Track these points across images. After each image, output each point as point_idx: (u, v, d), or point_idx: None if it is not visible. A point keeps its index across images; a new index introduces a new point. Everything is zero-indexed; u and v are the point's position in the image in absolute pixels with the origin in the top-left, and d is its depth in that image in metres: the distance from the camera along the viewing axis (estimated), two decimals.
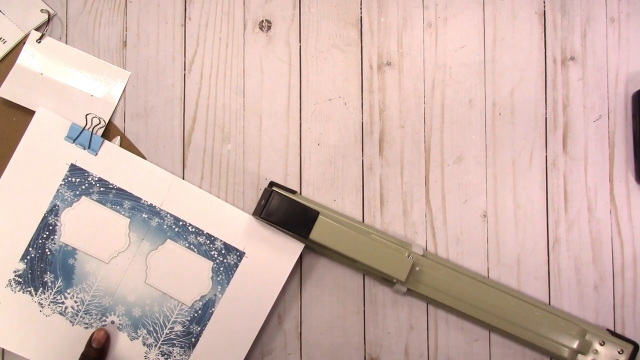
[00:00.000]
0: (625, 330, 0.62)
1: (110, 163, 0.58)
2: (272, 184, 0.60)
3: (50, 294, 0.57)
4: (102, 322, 0.58)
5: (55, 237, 0.58)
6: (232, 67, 0.62)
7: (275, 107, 0.62)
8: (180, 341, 0.58)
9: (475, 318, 0.59)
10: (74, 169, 0.58)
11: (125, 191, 0.58)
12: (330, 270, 0.61)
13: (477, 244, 0.62)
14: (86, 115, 0.58)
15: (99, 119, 0.58)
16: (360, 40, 0.62)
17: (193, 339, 0.58)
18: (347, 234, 0.57)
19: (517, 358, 0.61)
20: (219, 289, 0.58)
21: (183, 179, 0.60)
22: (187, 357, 0.58)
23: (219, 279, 0.58)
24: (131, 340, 0.58)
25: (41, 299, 0.57)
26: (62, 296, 0.58)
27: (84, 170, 0.58)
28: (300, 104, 0.62)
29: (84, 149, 0.58)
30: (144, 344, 0.58)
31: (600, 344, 0.59)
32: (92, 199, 0.58)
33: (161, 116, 0.61)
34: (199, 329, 0.58)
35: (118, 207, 0.58)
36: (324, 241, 0.56)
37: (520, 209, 0.62)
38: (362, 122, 0.62)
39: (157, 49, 0.61)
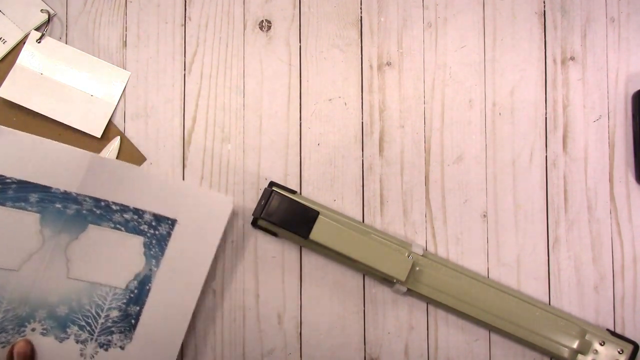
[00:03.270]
0: (625, 330, 0.62)
1: (3, 152, 0.49)
2: (272, 184, 0.60)
3: None
4: (21, 334, 0.51)
5: None
6: (232, 67, 0.62)
7: (275, 107, 0.62)
8: (119, 326, 0.53)
9: (475, 318, 0.59)
10: None
11: (30, 182, 0.50)
12: (330, 270, 0.61)
13: (477, 244, 0.62)
14: None
15: None
16: (360, 40, 0.62)
17: (133, 320, 0.53)
18: (347, 234, 0.57)
19: (517, 358, 0.61)
20: (153, 263, 0.54)
21: (183, 179, 0.60)
22: (128, 341, 0.53)
23: (152, 252, 0.54)
24: (61, 342, 0.52)
25: None
26: None
27: None
28: (300, 104, 0.62)
29: None
30: (77, 342, 0.52)
31: (600, 344, 0.59)
32: None
33: (161, 116, 0.61)
34: (138, 308, 0.53)
35: (23, 203, 0.49)
36: (324, 241, 0.56)
37: (520, 209, 0.62)
38: (362, 122, 0.62)
39: (157, 49, 0.61)
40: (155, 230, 0.54)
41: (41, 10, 0.60)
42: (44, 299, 0.51)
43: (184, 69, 0.61)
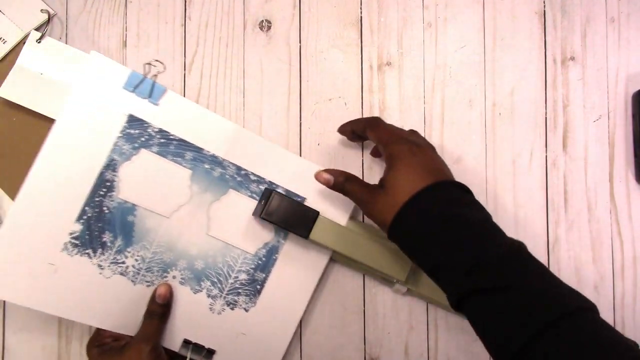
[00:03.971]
0: (625, 330, 0.62)
1: (171, 113, 0.56)
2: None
3: (110, 254, 0.55)
4: (163, 278, 0.56)
5: (113, 193, 0.55)
6: (232, 67, 0.62)
7: (275, 107, 0.62)
8: (245, 289, 0.57)
9: None
10: (133, 120, 0.55)
11: (187, 142, 0.56)
12: (330, 270, 0.61)
13: None
14: (145, 64, 0.56)
15: (158, 63, 0.56)
16: (360, 40, 0.62)
17: (258, 286, 0.58)
18: (347, 234, 0.57)
19: None
20: (282, 235, 0.58)
21: None
22: (253, 305, 0.58)
23: None
24: (195, 293, 0.57)
25: (100, 261, 0.55)
26: (123, 255, 0.55)
27: (143, 121, 0.55)
28: (300, 104, 0.62)
29: (144, 98, 0.55)
30: (208, 296, 0.57)
31: None
32: (152, 152, 0.55)
33: None
34: (264, 275, 0.58)
35: (179, 158, 0.56)
36: (324, 241, 0.56)
37: (520, 209, 0.62)
38: None
39: (157, 49, 0.61)
40: None
41: (41, 10, 0.60)
42: (186, 250, 0.57)
43: (184, 69, 0.61)
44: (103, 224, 0.55)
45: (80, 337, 0.60)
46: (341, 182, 0.53)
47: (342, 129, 0.58)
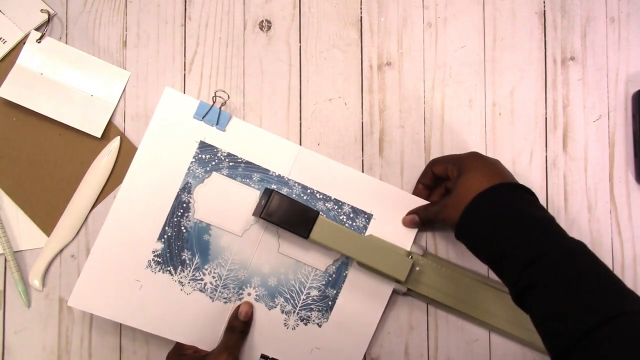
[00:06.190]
0: None
1: (237, 138, 0.59)
2: None
3: (189, 271, 0.58)
4: (239, 295, 0.58)
5: (189, 214, 0.58)
6: (232, 67, 0.62)
7: (275, 107, 0.62)
8: (317, 305, 0.59)
9: (475, 318, 0.59)
10: (204, 146, 0.58)
11: (254, 164, 0.59)
12: None
13: None
14: (215, 92, 0.59)
15: (224, 93, 0.59)
16: (360, 40, 0.62)
17: (330, 302, 0.59)
18: (347, 234, 0.57)
19: (517, 358, 0.61)
20: None
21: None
22: (325, 320, 0.59)
23: None
24: (269, 310, 0.59)
25: (181, 278, 0.58)
26: (201, 273, 0.58)
27: (213, 146, 0.58)
28: (300, 104, 0.62)
29: (212, 125, 0.58)
30: (282, 312, 0.59)
31: None
32: (223, 174, 0.58)
33: None
34: (335, 291, 0.59)
35: (248, 180, 0.58)
36: (324, 241, 0.56)
37: None
38: (362, 122, 0.62)
39: (157, 49, 0.61)
40: (353, 222, 0.59)
41: (41, 10, 0.60)
42: (259, 267, 0.59)
43: (184, 69, 0.61)
44: (182, 243, 0.58)
45: (80, 337, 0.60)
46: (423, 213, 0.57)
47: (412, 211, 0.59)
